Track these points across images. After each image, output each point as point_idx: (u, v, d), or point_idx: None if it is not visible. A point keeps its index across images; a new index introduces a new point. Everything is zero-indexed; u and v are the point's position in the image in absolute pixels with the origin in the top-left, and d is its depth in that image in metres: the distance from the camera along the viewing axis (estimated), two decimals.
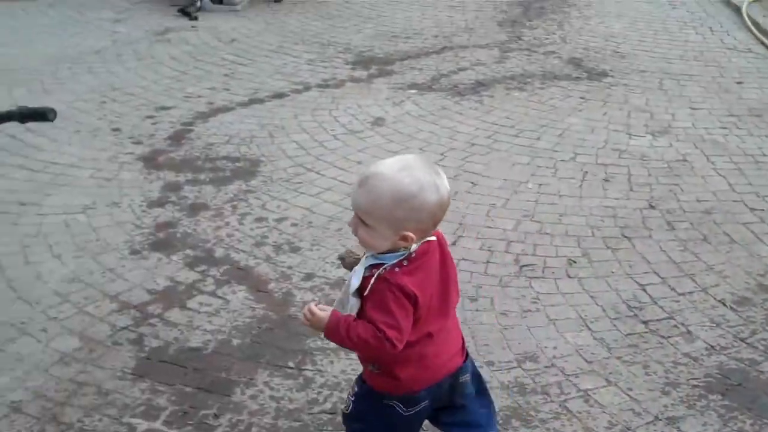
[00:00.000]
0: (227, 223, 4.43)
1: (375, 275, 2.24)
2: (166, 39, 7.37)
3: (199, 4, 8.13)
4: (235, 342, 3.52)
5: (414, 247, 2.25)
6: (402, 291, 2.22)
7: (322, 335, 2.33)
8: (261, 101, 6.07)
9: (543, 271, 4.03)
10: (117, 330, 3.58)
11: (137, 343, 3.51)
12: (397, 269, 2.25)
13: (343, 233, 4.31)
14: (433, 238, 2.33)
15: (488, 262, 4.11)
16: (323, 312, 2.31)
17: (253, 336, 3.55)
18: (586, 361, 3.42)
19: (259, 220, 4.47)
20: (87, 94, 6.11)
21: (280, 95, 6.20)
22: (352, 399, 2.54)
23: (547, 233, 4.36)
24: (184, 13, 8.01)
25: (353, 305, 2.31)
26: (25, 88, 6.17)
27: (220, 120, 5.69)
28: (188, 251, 4.17)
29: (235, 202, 4.64)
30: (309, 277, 3.97)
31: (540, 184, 4.86)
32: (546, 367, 3.39)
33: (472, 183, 4.88)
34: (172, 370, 3.35)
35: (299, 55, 7.12)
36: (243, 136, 5.47)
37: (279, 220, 4.46)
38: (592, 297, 3.84)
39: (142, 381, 3.29)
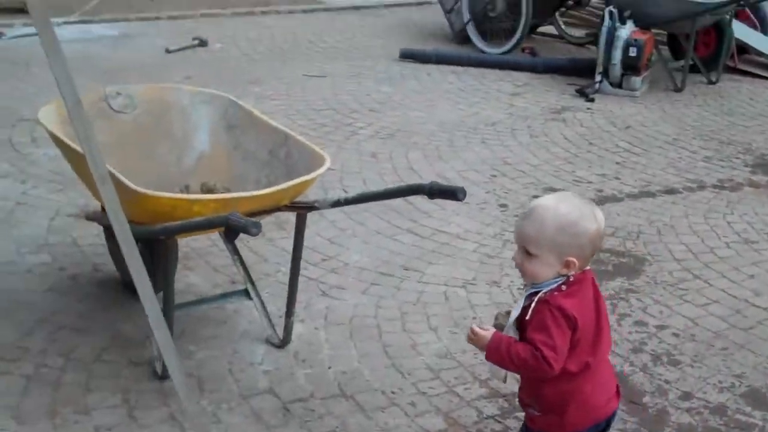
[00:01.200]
0: None
1: (535, 300, 2.41)
2: (560, 118, 7.35)
3: (597, 86, 8.06)
4: None
5: (572, 272, 2.42)
6: (561, 311, 2.38)
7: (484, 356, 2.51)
8: (652, 195, 5.86)
9: None
10: (483, 418, 3.52)
11: None
12: (556, 293, 2.41)
13: (728, 353, 4.02)
14: (588, 268, 2.50)
15: None
16: (485, 332, 2.48)
17: None
18: None
19: (639, 324, 4.26)
20: (479, 165, 6.20)
21: (671, 191, 5.95)
22: None
23: None
24: (582, 93, 7.97)
25: (512, 336, 2.48)
26: (421, 152, 6.38)
27: (608, 210, 5.53)
28: None
29: (615, 301, 4.46)
30: (687, 396, 3.70)
31: None
32: None
33: None
34: None
35: (696, 150, 6.82)
36: (630, 230, 5.29)
37: (660, 328, 4.23)
38: None
39: None
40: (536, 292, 2.45)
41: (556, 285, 2.44)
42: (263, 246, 4.83)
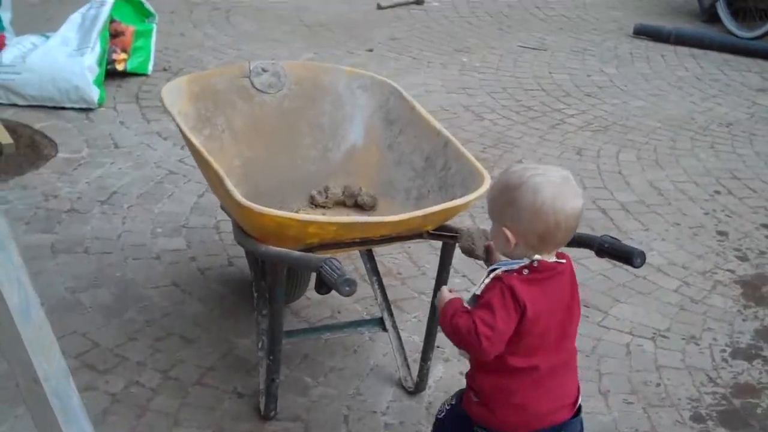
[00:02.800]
0: None
1: (491, 276, 2.21)
2: None
3: None
4: None
5: (537, 257, 2.18)
6: (511, 292, 2.15)
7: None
8: None
9: None
10: None
11: None
12: (515, 274, 2.19)
13: None
14: (561, 261, 2.25)
15: None
16: (450, 296, 2.31)
17: None
18: None
19: None
20: (701, 176, 5.25)
21: None
22: (447, 408, 2.49)
23: None
24: None
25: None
26: (635, 153, 5.49)
27: None
28: None
29: None
30: None
31: None
32: None
33: None
34: None
35: None
36: None
37: None
38: None
39: None
40: (496, 269, 2.23)
41: (518, 266, 2.20)
42: (425, 254, 4.18)
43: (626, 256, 2.57)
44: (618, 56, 7.37)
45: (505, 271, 2.20)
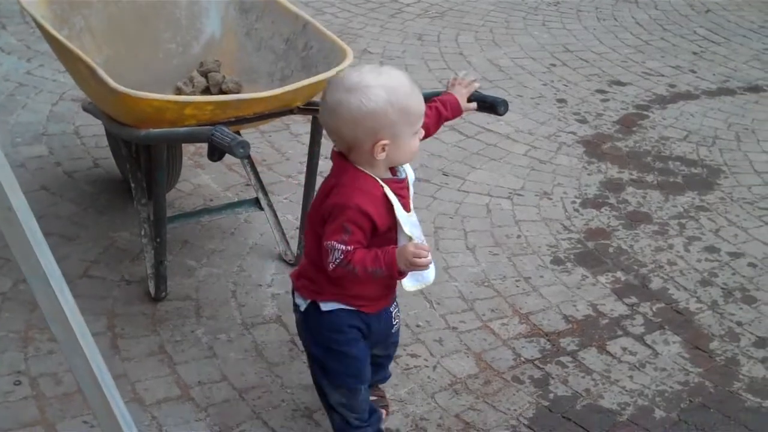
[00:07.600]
0: (670, 246, 3.71)
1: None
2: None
3: None
4: (658, 414, 2.82)
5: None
6: None
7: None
8: (731, 92, 5.18)
9: None
10: (521, 362, 3.02)
11: (541, 385, 2.92)
12: None
13: None
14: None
15: None
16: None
17: (681, 411, 2.84)
18: None
19: (710, 249, 3.70)
20: (537, 51, 5.55)
21: (755, 89, 5.26)
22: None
23: None
24: None
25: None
26: (473, 35, 5.73)
27: (681, 109, 4.89)
28: (619, 274, 3.50)
29: (683, 220, 3.89)
30: (763, 342, 3.17)
31: None
32: None
33: None
34: None
35: None
36: (704, 134, 4.65)
37: (734, 255, 3.66)
38: None
39: None
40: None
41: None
42: (287, 141, 4.31)
43: (492, 104, 2.77)
44: None
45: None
